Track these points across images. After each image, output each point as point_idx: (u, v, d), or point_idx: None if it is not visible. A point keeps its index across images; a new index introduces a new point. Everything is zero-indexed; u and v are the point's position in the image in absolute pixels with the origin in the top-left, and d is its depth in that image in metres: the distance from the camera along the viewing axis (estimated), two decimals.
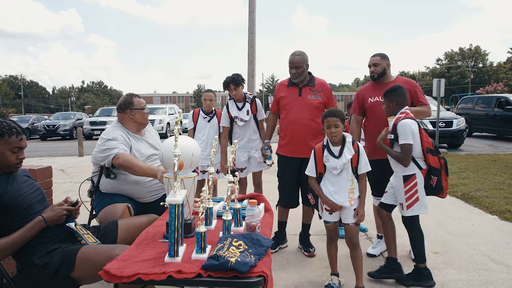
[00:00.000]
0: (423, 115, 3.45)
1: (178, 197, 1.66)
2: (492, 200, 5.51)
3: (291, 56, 3.53)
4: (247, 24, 14.43)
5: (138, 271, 1.57)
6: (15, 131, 2.13)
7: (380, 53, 3.58)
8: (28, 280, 2.09)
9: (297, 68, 3.47)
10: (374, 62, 3.53)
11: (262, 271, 1.58)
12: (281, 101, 3.65)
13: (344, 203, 2.73)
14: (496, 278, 3.12)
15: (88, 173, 7.94)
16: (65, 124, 21.75)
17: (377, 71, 3.51)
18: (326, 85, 3.62)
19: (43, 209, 2.23)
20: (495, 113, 14.44)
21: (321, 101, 3.55)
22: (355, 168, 2.75)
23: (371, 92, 3.58)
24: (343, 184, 2.74)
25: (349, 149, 2.70)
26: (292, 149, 3.56)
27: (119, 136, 2.95)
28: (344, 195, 2.73)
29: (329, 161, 2.73)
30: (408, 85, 3.40)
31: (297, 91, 3.57)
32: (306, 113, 3.50)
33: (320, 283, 3.07)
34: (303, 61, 3.50)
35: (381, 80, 3.53)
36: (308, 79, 3.59)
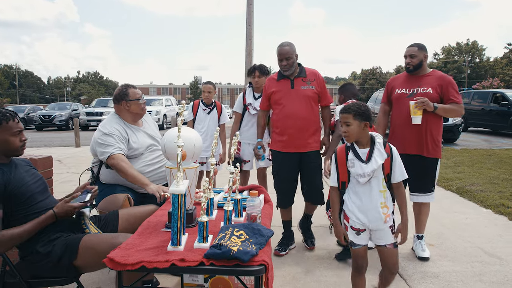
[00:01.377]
0: (453, 113, 3.30)
1: (181, 187, 1.69)
2: (487, 194, 5.59)
3: (279, 48, 3.34)
4: (245, 16, 14.40)
5: (142, 259, 1.60)
6: (9, 116, 2.14)
7: (418, 43, 3.36)
8: (31, 268, 2.12)
9: (288, 59, 3.29)
10: (411, 53, 3.32)
11: (263, 260, 1.62)
12: (273, 96, 3.45)
13: (377, 223, 2.21)
14: (489, 270, 3.19)
15: (86, 163, 7.97)
16: (61, 114, 21.66)
17: (413, 62, 3.31)
18: (318, 75, 3.45)
19: (45, 199, 2.25)
20: (491, 108, 14.54)
21: (315, 91, 3.38)
22: (388, 176, 2.22)
23: (401, 82, 3.45)
24: (373, 197, 2.20)
25: (380, 152, 2.18)
26: (291, 144, 3.37)
27: (115, 130, 2.96)
28: (374, 212, 2.20)
29: (354, 167, 2.20)
30: (441, 81, 3.26)
31: (289, 83, 3.38)
32: (302, 105, 3.33)
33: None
34: (292, 51, 3.32)
35: (417, 72, 3.36)
36: (298, 70, 3.41)
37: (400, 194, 2.25)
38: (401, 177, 2.21)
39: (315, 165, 3.45)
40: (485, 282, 2.99)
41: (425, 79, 3.31)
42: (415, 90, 3.30)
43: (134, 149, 2.99)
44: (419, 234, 3.51)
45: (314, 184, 3.46)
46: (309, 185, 3.48)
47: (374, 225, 2.22)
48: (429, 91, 3.24)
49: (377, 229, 2.23)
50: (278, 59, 3.33)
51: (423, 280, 3.03)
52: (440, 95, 3.26)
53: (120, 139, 2.93)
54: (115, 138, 2.91)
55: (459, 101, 3.24)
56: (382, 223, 2.21)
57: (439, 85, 3.24)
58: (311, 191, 3.50)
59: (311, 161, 3.41)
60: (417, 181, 3.37)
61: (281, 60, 3.31)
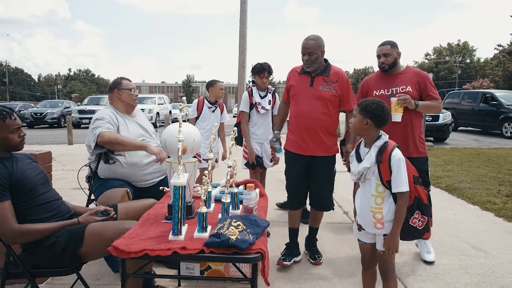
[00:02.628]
0: (433, 110, 3.22)
1: (181, 179, 1.78)
2: (474, 191, 5.74)
3: (304, 41, 3.08)
4: (238, 14, 14.46)
5: (145, 247, 1.68)
6: (6, 113, 2.20)
7: (390, 40, 3.24)
8: (33, 259, 2.19)
9: (310, 54, 3.02)
10: (384, 51, 3.19)
11: (260, 248, 1.71)
12: (291, 90, 3.22)
13: (367, 226, 2.20)
14: (474, 263, 3.32)
15: (79, 161, 8.02)
16: (52, 112, 21.54)
17: (388, 61, 3.19)
18: (342, 76, 3.14)
19: (47, 191, 2.32)
20: (480, 108, 14.79)
21: (335, 94, 3.09)
22: (388, 183, 2.11)
23: (377, 83, 3.32)
24: (365, 200, 2.19)
25: (370, 156, 2.12)
26: (300, 145, 3.15)
27: (106, 115, 3.08)
28: (366, 214, 2.18)
29: (352, 163, 2.24)
30: (418, 77, 3.19)
31: (308, 80, 3.12)
32: (317, 106, 3.06)
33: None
34: (318, 46, 3.04)
35: (392, 71, 3.25)
36: (323, 67, 3.13)
37: (397, 205, 2.10)
38: (395, 188, 2.08)
39: (325, 172, 3.19)
40: (471, 274, 3.12)
41: (401, 77, 3.22)
42: (393, 90, 3.19)
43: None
44: None
45: (320, 192, 3.24)
46: (315, 192, 3.26)
47: (366, 227, 2.21)
48: (409, 89, 3.15)
49: (371, 232, 2.22)
50: (302, 53, 3.09)
51: (411, 272, 3.14)
52: (419, 92, 3.18)
53: (109, 122, 3.03)
54: (103, 120, 3.01)
55: (438, 96, 3.20)
56: (373, 228, 2.17)
57: (417, 82, 3.17)
58: (316, 198, 3.28)
59: (321, 166, 3.16)
60: None
61: (303, 54, 3.07)
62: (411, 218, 2.20)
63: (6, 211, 2.05)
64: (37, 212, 2.20)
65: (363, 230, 2.25)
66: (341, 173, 6.11)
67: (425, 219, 2.24)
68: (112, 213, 2.42)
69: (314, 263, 3.28)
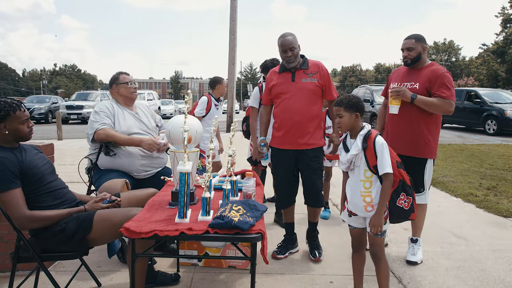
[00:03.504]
0: (435, 108, 3.02)
1: (187, 166, 1.92)
2: (457, 184, 6.00)
3: (282, 38, 3.13)
4: (227, 10, 14.59)
5: (154, 228, 1.82)
6: (15, 106, 2.32)
7: (415, 34, 3.15)
8: (42, 243, 2.31)
9: (292, 49, 3.08)
10: (408, 45, 3.11)
11: (259, 229, 1.87)
12: (273, 90, 3.24)
13: (358, 210, 2.37)
14: (455, 250, 3.53)
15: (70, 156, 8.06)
16: (40, 107, 21.30)
17: (411, 56, 3.11)
18: (321, 67, 3.21)
19: (53, 180, 2.44)
20: (465, 105, 15.16)
21: (317, 84, 3.14)
22: (375, 168, 2.28)
23: (398, 76, 3.29)
24: (355, 186, 2.36)
25: (356, 144, 2.29)
26: (287, 140, 3.16)
27: (104, 107, 3.24)
28: (356, 199, 2.35)
29: (341, 155, 2.43)
30: (432, 74, 3.05)
31: (289, 76, 3.17)
32: (302, 99, 3.10)
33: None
34: (296, 41, 3.12)
35: (415, 65, 3.16)
36: (301, 61, 3.20)
37: (383, 186, 2.28)
38: (381, 171, 2.25)
39: (314, 165, 3.20)
40: (452, 259, 3.33)
41: (421, 72, 3.12)
42: (404, 85, 3.13)
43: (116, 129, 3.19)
44: (413, 237, 3.33)
45: (311, 186, 3.23)
46: (307, 186, 3.25)
47: (357, 211, 2.37)
48: (416, 87, 3.07)
49: (361, 215, 2.38)
50: (282, 50, 3.12)
51: (397, 258, 3.34)
52: (428, 90, 3.05)
53: (106, 115, 3.18)
54: (100, 115, 3.17)
55: (446, 96, 2.97)
56: (363, 211, 2.33)
57: (428, 79, 3.04)
58: (308, 193, 3.27)
59: (310, 160, 3.17)
60: None
61: (285, 51, 3.10)
62: (398, 200, 2.36)
63: (18, 198, 2.17)
64: (46, 199, 2.32)
65: (354, 215, 2.41)
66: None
67: (410, 199, 2.39)
68: (118, 200, 2.54)
69: (314, 260, 3.26)
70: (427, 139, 3.12)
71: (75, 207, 2.39)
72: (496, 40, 42.71)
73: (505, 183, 6.12)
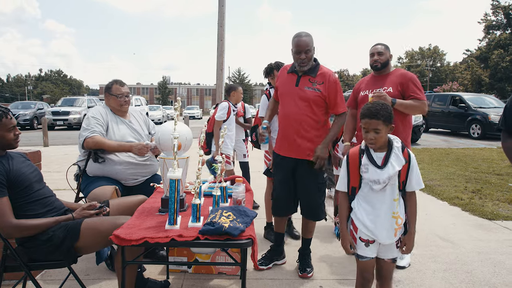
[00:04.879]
0: (413, 110, 3.13)
1: (177, 173, 1.93)
2: (443, 188, 6.09)
3: (298, 38, 2.91)
4: (214, 16, 14.59)
5: (145, 236, 1.82)
6: (2, 113, 2.29)
7: (383, 43, 3.34)
8: (29, 252, 2.28)
9: (307, 52, 2.88)
10: (379, 50, 3.25)
11: (250, 235, 1.88)
12: (278, 89, 3.14)
13: (387, 235, 2.04)
14: (442, 253, 3.59)
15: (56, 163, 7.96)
16: (25, 113, 20.98)
17: (381, 60, 3.24)
18: (329, 77, 2.96)
19: (41, 188, 2.41)
20: (449, 110, 15.44)
21: (320, 95, 2.93)
22: (403, 184, 2.05)
23: (366, 85, 3.37)
24: (386, 206, 2.03)
25: (398, 157, 2.01)
26: (284, 147, 3.06)
27: (98, 113, 3.22)
28: (386, 222, 2.03)
29: (368, 172, 2.02)
30: (402, 78, 3.19)
31: (295, 79, 3.00)
32: (301, 107, 2.94)
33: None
34: (312, 43, 2.92)
35: (381, 72, 3.29)
36: (311, 67, 2.99)
37: (412, 203, 2.08)
38: (417, 186, 2.06)
39: (309, 176, 3.02)
40: (439, 262, 3.39)
41: (389, 78, 3.26)
42: (377, 90, 3.19)
43: (110, 137, 3.18)
44: None
45: (308, 199, 3.08)
46: (303, 198, 3.11)
47: (383, 237, 2.04)
48: (390, 90, 3.17)
49: (385, 242, 2.06)
50: (295, 51, 2.92)
51: None
52: (401, 93, 3.16)
53: (98, 122, 3.16)
54: (92, 122, 3.15)
55: (420, 97, 3.11)
56: (392, 237, 2.04)
57: (400, 82, 3.17)
58: (305, 206, 3.13)
59: (305, 170, 3.00)
60: None
61: (299, 52, 2.89)
62: None
63: (5, 206, 2.15)
64: (34, 207, 2.29)
65: (372, 243, 2.08)
66: None
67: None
68: (106, 209, 2.52)
69: (301, 276, 3.08)
70: (405, 140, 3.08)
71: (63, 215, 2.37)
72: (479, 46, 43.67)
73: (490, 186, 6.24)
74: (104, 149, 3.08)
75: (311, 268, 3.15)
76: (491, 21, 42.09)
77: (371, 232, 2.04)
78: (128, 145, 3.11)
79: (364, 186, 2.07)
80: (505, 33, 41.06)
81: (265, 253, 3.32)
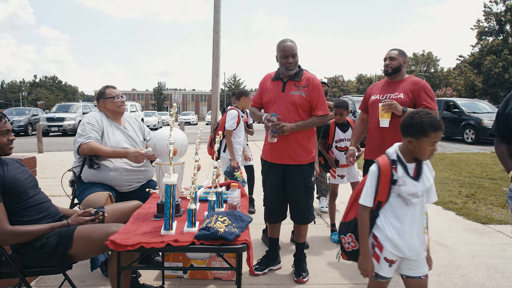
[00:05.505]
0: None
1: (173, 178, 1.94)
2: (438, 193, 5.96)
3: (283, 44, 3.00)
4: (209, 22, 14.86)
5: (140, 241, 1.83)
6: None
7: (399, 48, 3.32)
8: (24, 259, 2.27)
9: (294, 56, 2.98)
10: (391, 55, 3.26)
11: (245, 239, 1.89)
12: (264, 96, 3.17)
13: (418, 251, 1.94)
14: (436, 257, 3.60)
15: (51, 169, 7.92)
16: (19, 120, 20.89)
17: (393, 65, 3.23)
18: (313, 81, 3.05)
19: (36, 194, 2.41)
20: (443, 115, 15.52)
21: (305, 98, 3.01)
22: None
23: (378, 89, 3.38)
24: (417, 221, 1.93)
25: (429, 168, 1.96)
26: (273, 154, 3.09)
27: (93, 119, 3.23)
28: (417, 238, 1.92)
29: (406, 185, 1.88)
30: (414, 86, 3.17)
31: (280, 85, 3.06)
32: (289, 112, 2.99)
33: None
34: (297, 48, 3.02)
35: (393, 77, 3.28)
36: (295, 72, 3.06)
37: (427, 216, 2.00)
38: (434, 198, 2.00)
39: (299, 181, 3.07)
40: (433, 265, 3.35)
41: (401, 84, 3.24)
42: (387, 96, 3.22)
43: (104, 143, 3.19)
44: None
45: (297, 203, 3.13)
46: (292, 203, 3.16)
47: (414, 254, 1.92)
48: (400, 97, 3.15)
49: (416, 258, 1.94)
50: (282, 56, 2.99)
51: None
52: (413, 101, 3.14)
53: (94, 128, 3.17)
54: (87, 128, 3.15)
55: (432, 106, 3.06)
56: (423, 251, 1.95)
57: (411, 90, 3.14)
58: (292, 209, 3.17)
59: (294, 175, 3.07)
60: None
61: (286, 57, 2.97)
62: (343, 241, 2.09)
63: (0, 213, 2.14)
64: (29, 213, 2.29)
65: (395, 263, 1.96)
66: None
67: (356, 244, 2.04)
68: (102, 214, 2.52)
69: (297, 280, 3.08)
70: None
71: (58, 222, 2.37)
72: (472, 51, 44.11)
73: (483, 190, 6.29)
74: (99, 155, 3.08)
75: (307, 273, 3.16)
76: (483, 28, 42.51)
77: (399, 251, 1.91)
78: (123, 151, 3.11)
79: (394, 201, 1.92)
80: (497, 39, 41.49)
81: (261, 258, 3.33)
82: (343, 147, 4.02)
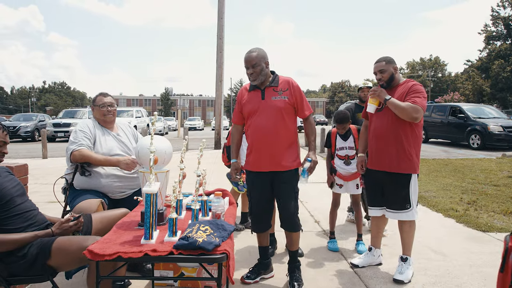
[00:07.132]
0: (403, 112, 3.02)
1: (153, 187, 1.93)
2: (439, 199, 6.05)
3: (246, 54, 3.00)
4: (214, 28, 14.82)
5: (118, 250, 1.82)
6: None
7: (385, 57, 3.27)
8: (9, 268, 2.27)
9: (254, 67, 2.94)
10: (380, 68, 3.22)
11: (225, 249, 1.87)
12: (244, 108, 3.12)
13: None
14: (433, 265, 3.55)
15: (53, 175, 7.97)
16: (26, 125, 21.09)
17: (385, 78, 3.22)
18: (292, 83, 3.04)
19: (23, 202, 2.41)
20: (449, 120, 15.41)
21: (288, 102, 2.99)
22: None
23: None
24: None
25: None
26: (259, 162, 3.04)
27: (86, 127, 3.26)
28: None
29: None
30: (406, 88, 3.17)
31: (259, 94, 3.03)
32: (272, 118, 2.96)
33: None
34: (261, 58, 2.97)
35: (391, 86, 3.26)
36: (270, 79, 3.05)
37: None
38: None
39: (288, 187, 3.04)
40: (429, 275, 3.34)
41: (397, 89, 3.22)
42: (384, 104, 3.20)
43: (97, 150, 3.20)
44: (403, 255, 3.31)
45: (288, 210, 3.06)
46: (281, 209, 3.10)
47: None
48: None
49: None
50: (245, 67, 3.01)
51: (374, 275, 3.34)
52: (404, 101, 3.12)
53: (86, 136, 3.19)
54: (79, 135, 3.18)
55: (415, 102, 3.02)
56: None
57: (403, 93, 3.15)
58: (283, 216, 3.11)
59: (283, 181, 3.03)
60: (389, 196, 3.30)
61: (247, 67, 2.99)
62: None
63: None
64: (15, 221, 2.29)
65: None
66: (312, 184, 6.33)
67: None
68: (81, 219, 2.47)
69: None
70: (410, 155, 3.19)
71: (43, 230, 2.36)
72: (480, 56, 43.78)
73: (486, 197, 6.19)
74: (91, 162, 3.09)
75: (301, 282, 3.07)
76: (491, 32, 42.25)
77: None
78: (115, 160, 3.11)
79: None
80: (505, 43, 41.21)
81: (252, 267, 3.28)
82: (343, 156, 3.97)
